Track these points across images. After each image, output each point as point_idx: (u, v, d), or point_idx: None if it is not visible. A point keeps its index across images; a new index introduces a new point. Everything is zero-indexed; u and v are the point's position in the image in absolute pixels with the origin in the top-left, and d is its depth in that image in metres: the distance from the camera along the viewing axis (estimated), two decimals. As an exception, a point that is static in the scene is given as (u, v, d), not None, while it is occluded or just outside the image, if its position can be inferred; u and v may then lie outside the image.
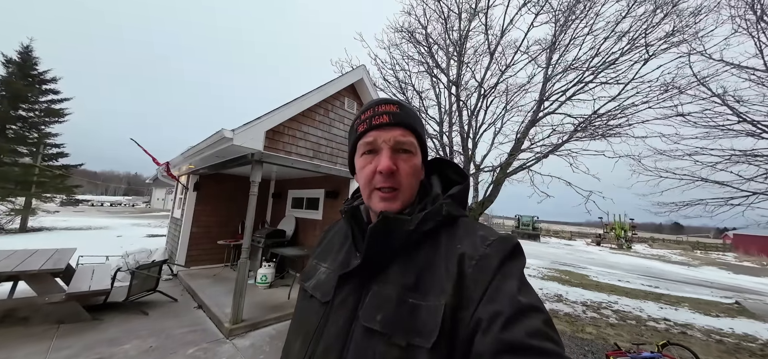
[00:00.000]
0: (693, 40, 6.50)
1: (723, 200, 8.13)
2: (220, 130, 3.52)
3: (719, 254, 26.40)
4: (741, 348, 4.49)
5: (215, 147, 3.93)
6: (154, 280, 4.39)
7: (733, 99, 7.14)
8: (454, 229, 0.58)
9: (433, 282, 0.52)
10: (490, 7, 5.87)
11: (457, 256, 0.53)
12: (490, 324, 0.44)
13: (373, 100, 0.67)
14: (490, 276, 0.49)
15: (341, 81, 5.09)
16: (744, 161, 7.56)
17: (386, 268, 0.57)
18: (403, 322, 0.50)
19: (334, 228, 0.79)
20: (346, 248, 0.67)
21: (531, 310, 0.44)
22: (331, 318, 0.57)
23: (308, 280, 0.69)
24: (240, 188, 7.04)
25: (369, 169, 0.61)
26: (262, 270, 5.30)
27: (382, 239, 0.56)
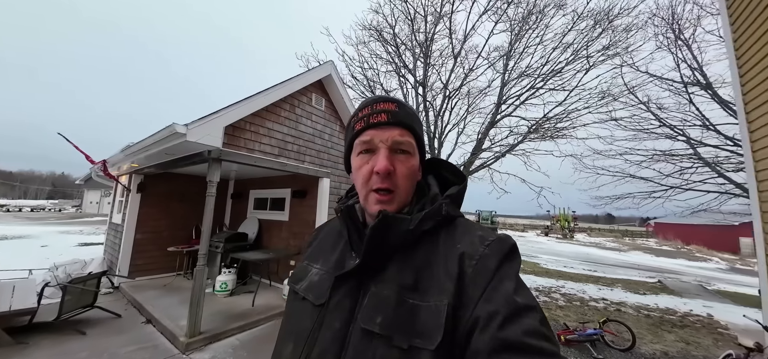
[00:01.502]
0: (624, 54, 7.45)
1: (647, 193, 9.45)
2: (170, 124, 3.17)
3: (643, 241, 30.55)
4: (664, 320, 5.24)
5: (165, 144, 3.55)
6: (91, 295, 3.84)
7: (655, 106, 8.32)
8: (452, 229, 0.58)
9: (432, 281, 0.52)
10: (454, 12, 6.11)
11: (458, 255, 0.53)
12: (488, 323, 0.44)
13: (372, 97, 0.65)
14: (489, 276, 0.49)
15: (308, 76, 4.91)
16: (663, 159, 8.85)
17: (384, 268, 0.56)
18: (404, 324, 0.49)
19: (326, 228, 0.76)
20: (340, 249, 0.65)
21: (528, 310, 0.45)
22: (326, 320, 0.55)
23: (299, 282, 0.65)
24: (194, 189, 6.46)
25: (366, 169, 0.59)
26: (221, 276, 4.93)
27: (381, 238, 0.55)
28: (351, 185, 0.72)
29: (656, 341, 4.28)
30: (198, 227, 6.44)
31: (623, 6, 6.64)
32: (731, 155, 7.29)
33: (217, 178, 3.76)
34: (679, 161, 8.48)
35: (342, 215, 0.64)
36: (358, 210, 0.65)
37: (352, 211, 0.64)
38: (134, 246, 5.62)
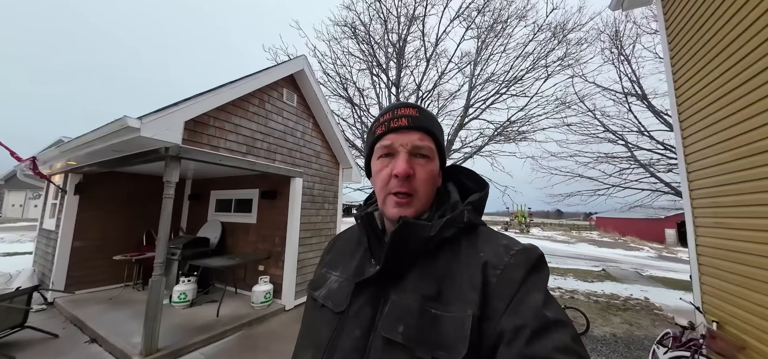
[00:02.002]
0: (576, 65, 8.20)
1: (593, 191, 10.54)
2: (121, 117, 2.80)
3: (588, 233, 33.91)
4: (610, 305, 5.84)
5: (112, 139, 3.13)
6: (19, 313, 3.27)
7: (600, 114, 9.29)
8: (474, 237, 0.57)
9: (454, 291, 0.51)
10: (426, 15, 6.22)
11: (481, 265, 0.51)
12: (515, 337, 0.43)
13: (394, 103, 0.68)
14: (515, 287, 0.48)
15: (279, 70, 4.66)
16: (606, 161, 9.95)
17: (404, 276, 0.55)
18: (427, 334, 0.48)
19: (345, 236, 0.76)
20: (359, 256, 0.65)
21: (558, 325, 0.44)
22: (346, 328, 0.54)
23: (318, 289, 0.65)
24: (144, 190, 5.82)
25: (385, 172, 0.59)
26: (179, 286, 4.49)
27: (401, 244, 0.54)
28: (371, 192, 0.73)
29: (605, 324, 4.75)
30: (149, 232, 5.82)
31: (576, 21, 7.29)
32: (662, 158, 8.35)
33: (176, 178, 3.42)
34: (619, 163, 9.59)
35: (362, 221, 0.63)
36: (377, 217, 0.64)
37: (372, 218, 0.62)
38: (72, 256, 4.90)
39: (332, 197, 5.91)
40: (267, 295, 4.64)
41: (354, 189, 7.37)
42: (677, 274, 9.85)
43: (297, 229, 4.95)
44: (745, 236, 2.49)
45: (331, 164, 5.90)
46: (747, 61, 2.32)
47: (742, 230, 2.52)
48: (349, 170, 6.10)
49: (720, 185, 2.79)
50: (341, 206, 6.06)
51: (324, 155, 5.73)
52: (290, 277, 4.82)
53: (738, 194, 2.54)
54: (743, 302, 2.50)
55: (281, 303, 4.75)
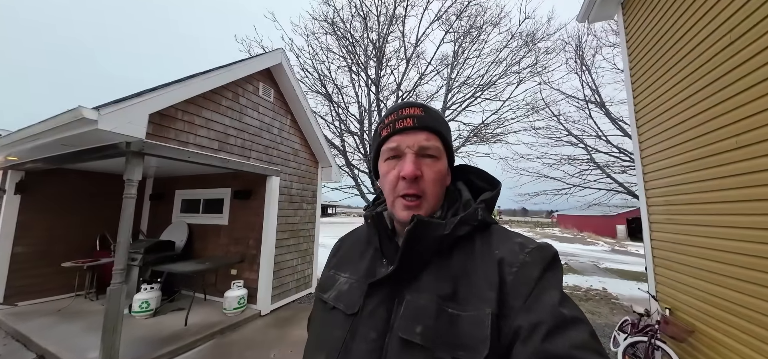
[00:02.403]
0: (544, 73, 8.73)
1: (557, 190, 11.29)
2: (76, 108, 2.49)
3: (550, 230, 36.35)
4: (573, 296, 6.28)
5: (64, 132, 2.78)
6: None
7: (564, 119, 9.97)
8: (488, 235, 0.57)
9: (471, 290, 0.50)
10: (406, 16, 6.26)
11: (496, 262, 0.51)
12: (531, 334, 0.43)
13: (398, 104, 0.65)
14: (531, 285, 0.48)
15: (255, 62, 4.44)
16: (569, 163, 10.71)
17: (418, 276, 0.54)
18: (446, 335, 0.47)
19: (353, 236, 0.75)
20: (369, 256, 0.64)
21: (575, 322, 0.44)
22: (359, 330, 0.53)
23: (327, 291, 0.64)
24: (98, 189, 5.28)
25: (393, 175, 0.58)
26: (140, 294, 4.11)
27: (416, 244, 0.54)
28: (378, 192, 0.73)
29: (572, 315, 5.10)
30: (104, 235, 5.27)
31: (545, 31, 7.75)
32: (617, 161, 9.13)
33: (139, 176, 3.12)
34: (579, 165, 10.36)
35: (372, 221, 0.63)
36: (387, 217, 0.63)
37: (382, 218, 0.62)
38: (13, 263, 4.30)
39: (311, 196, 5.75)
40: (241, 300, 4.40)
41: (332, 189, 7.25)
42: (628, 266, 10.85)
43: (273, 230, 4.75)
44: (693, 231, 2.78)
45: (309, 163, 5.74)
46: (696, 76, 2.59)
47: (690, 225, 2.81)
48: (329, 169, 5.97)
49: (672, 186, 3.09)
50: (320, 206, 5.92)
51: (302, 153, 5.56)
52: (266, 281, 4.62)
53: (687, 193, 2.83)
54: (692, 290, 2.80)
55: (256, 309, 4.53)
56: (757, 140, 2.01)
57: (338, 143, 6.81)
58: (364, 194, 6.92)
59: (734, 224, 2.27)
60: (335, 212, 64.08)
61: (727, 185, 2.32)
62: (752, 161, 2.07)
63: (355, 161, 6.88)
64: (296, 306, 5.09)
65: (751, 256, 2.12)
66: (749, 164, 2.09)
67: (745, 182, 2.14)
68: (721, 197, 2.39)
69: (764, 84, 1.94)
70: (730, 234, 2.32)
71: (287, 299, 5.13)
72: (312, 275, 5.85)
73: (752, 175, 2.08)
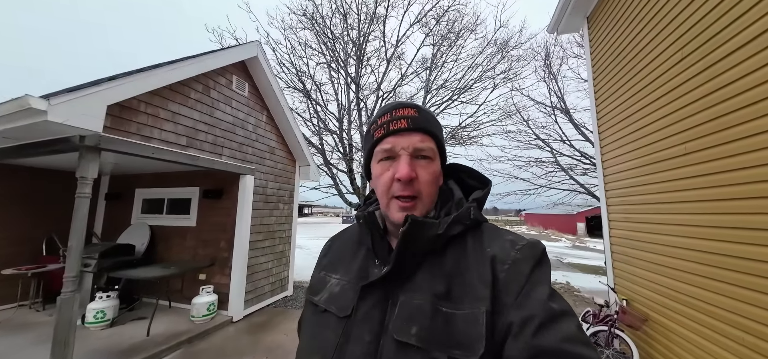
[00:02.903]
0: (516, 79, 9.19)
1: (526, 190, 11.95)
2: (22, 96, 2.20)
3: (519, 228, 38.40)
4: (541, 291, 6.66)
5: (7, 123, 2.46)
6: None
7: (533, 124, 10.56)
8: (480, 234, 0.58)
9: (465, 288, 0.51)
10: (387, 16, 6.28)
11: (489, 259, 0.52)
12: (522, 329, 0.44)
13: (391, 103, 0.63)
14: (523, 281, 0.49)
15: (229, 54, 4.21)
16: (536, 165, 11.38)
17: (412, 276, 0.54)
18: (441, 334, 0.47)
19: (343, 237, 0.74)
20: (361, 257, 0.63)
21: (564, 316, 0.45)
22: (353, 333, 0.52)
23: (318, 293, 0.63)
24: (45, 187, 4.73)
25: (387, 176, 0.58)
26: (95, 303, 3.74)
27: (410, 244, 0.54)
28: (370, 192, 0.72)
29: (540, 308, 5.41)
30: (52, 238, 4.73)
31: (517, 40, 8.17)
32: (579, 164, 9.83)
33: (94, 173, 2.83)
34: (546, 167, 11.05)
35: (364, 222, 0.62)
36: (379, 217, 0.63)
37: (374, 218, 0.61)
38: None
39: (288, 196, 5.57)
40: (210, 307, 4.15)
41: (309, 188, 7.08)
42: (588, 261, 11.71)
43: (247, 231, 4.53)
44: (646, 229, 3.06)
45: (287, 161, 5.55)
46: (651, 87, 2.86)
47: (644, 223, 3.09)
48: (307, 168, 5.81)
49: (629, 187, 3.37)
50: (297, 205, 5.75)
51: (279, 151, 5.37)
52: (239, 285, 4.40)
53: (642, 194, 3.11)
54: (645, 282, 3.08)
55: (228, 315, 4.30)
56: (703, 147, 2.26)
57: (316, 141, 6.67)
58: (343, 194, 6.83)
59: (681, 222, 2.53)
60: (312, 211, 62.71)
61: (676, 188, 2.58)
62: (698, 166, 2.31)
63: (334, 160, 6.80)
64: (271, 310, 4.91)
65: (697, 251, 2.37)
66: (696, 169, 2.34)
67: (692, 185, 2.39)
68: (671, 198, 2.66)
69: (711, 96, 2.17)
70: (678, 231, 2.58)
71: (262, 303, 4.93)
72: (288, 277, 5.67)
73: (698, 178, 2.33)
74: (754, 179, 1.89)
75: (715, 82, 2.13)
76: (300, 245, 13.38)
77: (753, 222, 1.91)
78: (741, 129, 1.96)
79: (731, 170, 2.04)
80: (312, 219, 41.67)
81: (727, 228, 2.09)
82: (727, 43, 2.04)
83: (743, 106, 1.93)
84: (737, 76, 1.97)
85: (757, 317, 1.87)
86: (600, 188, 4.08)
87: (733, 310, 2.04)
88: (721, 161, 2.11)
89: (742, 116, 1.94)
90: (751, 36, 1.88)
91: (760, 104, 1.82)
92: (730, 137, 2.03)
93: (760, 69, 1.82)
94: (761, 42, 1.81)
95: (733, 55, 2.00)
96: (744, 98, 1.92)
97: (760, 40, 1.82)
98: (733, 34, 1.99)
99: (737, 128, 1.98)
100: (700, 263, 2.34)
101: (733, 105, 2.00)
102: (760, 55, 1.82)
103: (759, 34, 1.83)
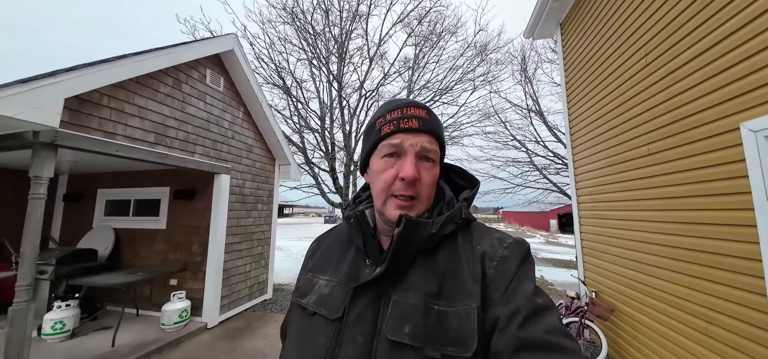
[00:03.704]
0: (494, 82, 9.48)
1: (503, 189, 12.38)
2: (-41, 85, 1.96)
3: (497, 225, 39.76)
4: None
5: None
6: None
7: (510, 126, 10.95)
8: (469, 232, 0.59)
9: (457, 286, 0.51)
10: (369, 15, 6.24)
11: (479, 256, 0.53)
12: (508, 323, 0.45)
13: (401, 101, 0.62)
14: (510, 277, 0.50)
15: (203, 47, 4.00)
16: (513, 165, 11.82)
17: (404, 275, 0.54)
18: (434, 332, 0.48)
19: (331, 236, 0.72)
20: (350, 257, 0.62)
21: (547, 310, 0.47)
22: (346, 336, 0.51)
23: (305, 296, 0.61)
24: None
25: (389, 173, 0.57)
26: (53, 313, 3.43)
27: (405, 244, 0.54)
28: (357, 192, 0.72)
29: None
30: (2, 243, 4.28)
31: (495, 44, 8.42)
32: (552, 164, 10.30)
33: (50, 172, 2.60)
34: (522, 166, 11.51)
35: (355, 221, 0.61)
36: (369, 216, 0.63)
37: (365, 218, 0.61)
38: None
39: (266, 196, 5.39)
40: (183, 313, 3.94)
41: (290, 188, 6.88)
42: (560, 255, 12.32)
43: (222, 234, 4.34)
44: (613, 224, 3.25)
45: (265, 160, 5.37)
46: (619, 92, 3.04)
47: (611, 220, 3.29)
48: (287, 166, 5.66)
49: (597, 186, 3.57)
50: (277, 206, 5.59)
51: (257, 149, 5.18)
52: (213, 290, 4.20)
53: (609, 192, 3.31)
54: (612, 275, 3.28)
55: (202, 321, 4.10)
56: (665, 148, 2.43)
57: (297, 139, 6.49)
58: (325, 194, 6.71)
59: (645, 218, 2.72)
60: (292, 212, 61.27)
61: (641, 186, 2.76)
62: (661, 165, 2.49)
63: (316, 159, 6.66)
64: (249, 314, 4.74)
65: (659, 245, 2.55)
66: (658, 168, 2.52)
67: (655, 183, 2.57)
68: (635, 195, 2.84)
69: (672, 100, 2.35)
70: (642, 227, 2.77)
71: (239, 308, 4.74)
72: (267, 280, 5.50)
73: (660, 177, 2.51)
74: (709, 178, 2.06)
75: (676, 87, 2.30)
76: (280, 246, 13.04)
77: (708, 218, 2.08)
78: (698, 131, 2.13)
79: (689, 170, 2.22)
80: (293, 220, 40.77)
81: (686, 224, 2.27)
82: (686, 52, 2.21)
83: (700, 110, 2.10)
84: (695, 82, 2.14)
85: (716, 306, 2.04)
86: (571, 187, 4.30)
87: (694, 300, 2.22)
88: (681, 161, 2.29)
89: (699, 119, 2.12)
90: (708, 45, 2.04)
91: (716, 108, 1.99)
92: (689, 139, 2.21)
93: (715, 76, 1.99)
94: (716, 51, 1.98)
95: (691, 63, 2.17)
96: (701, 103, 2.09)
97: (715, 49, 1.99)
98: (692, 44, 2.16)
99: (695, 130, 2.15)
100: (661, 256, 2.53)
101: (692, 109, 2.17)
102: (716, 63, 1.98)
103: (714, 45, 1.99)
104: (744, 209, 1.81)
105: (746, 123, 1.77)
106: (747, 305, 1.82)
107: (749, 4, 1.77)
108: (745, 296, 1.83)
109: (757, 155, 1.71)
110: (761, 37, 1.70)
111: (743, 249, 1.84)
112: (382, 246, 0.61)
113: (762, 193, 1.68)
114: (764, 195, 1.67)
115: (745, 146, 1.77)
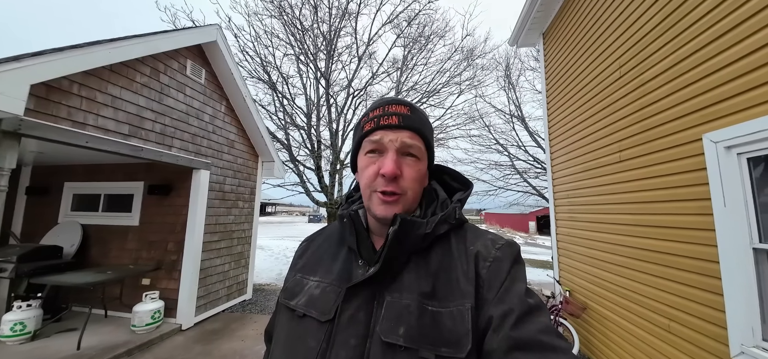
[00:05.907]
0: (480, 87, 9.70)
1: (486, 191, 12.68)
2: None
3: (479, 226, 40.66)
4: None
5: None
6: None
7: (494, 130, 11.23)
8: (463, 233, 0.59)
9: (451, 286, 0.52)
10: (359, 13, 6.22)
11: (473, 256, 0.54)
12: (502, 322, 0.45)
13: (385, 98, 0.63)
14: (503, 277, 0.51)
15: (183, 36, 3.85)
16: (495, 168, 12.14)
17: (398, 276, 0.54)
18: (429, 333, 0.47)
19: (321, 236, 0.71)
20: (342, 258, 0.61)
21: (539, 310, 0.47)
22: (337, 338, 0.50)
23: (294, 297, 0.59)
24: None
25: (371, 170, 0.57)
26: (12, 314, 3.19)
27: (399, 244, 0.53)
28: (349, 191, 0.72)
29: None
30: (-52, 240, 3.94)
31: (481, 50, 8.62)
32: (532, 168, 10.65)
33: (12, 163, 2.43)
34: (504, 169, 11.84)
35: (349, 220, 0.60)
36: (362, 216, 0.63)
37: (358, 217, 0.61)
38: None
39: (248, 193, 5.25)
40: (155, 314, 3.76)
41: (274, 185, 6.72)
42: (538, 256, 12.77)
43: (200, 232, 4.19)
44: (586, 227, 3.41)
45: (248, 156, 5.23)
46: (595, 100, 3.19)
47: (584, 222, 3.45)
48: (271, 164, 5.53)
49: (573, 189, 3.74)
50: (259, 204, 5.45)
51: (239, 145, 5.04)
52: (189, 290, 4.04)
53: (583, 196, 3.47)
54: (585, 275, 3.43)
55: (176, 323, 3.94)
56: (635, 155, 2.58)
57: (282, 136, 6.35)
58: (310, 192, 6.60)
59: (615, 221, 2.87)
60: (275, 210, 59.92)
61: (612, 190, 2.91)
62: (631, 172, 2.64)
63: (301, 157, 6.52)
64: (227, 315, 4.60)
65: (627, 247, 2.70)
66: (629, 174, 2.67)
67: (625, 189, 2.72)
68: (607, 200, 2.99)
69: (643, 111, 2.49)
70: (612, 229, 2.92)
71: (216, 309, 4.59)
72: (247, 280, 5.36)
73: (630, 183, 2.65)
74: (674, 184, 2.21)
75: (646, 99, 2.45)
76: (261, 245, 12.72)
77: (672, 221, 2.23)
78: (665, 141, 2.27)
79: (656, 176, 2.36)
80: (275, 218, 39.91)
81: (652, 227, 2.41)
82: (655, 67, 2.35)
83: (668, 120, 2.24)
84: (663, 94, 2.28)
85: (677, 305, 2.19)
86: (549, 190, 4.47)
87: (657, 299, 2.36)
88: (649, 168, 2.43)
89: (666, 129, 2.26)
90: (675, 61, 2.18)
91: (682, 120, 2.13)
92: (656, 147, 2.35)
93: (681, 89, 2.13)
94: (683, 67, 2.12)
95: (660, 77, 2.31)
96: (668, 114, 2.24)
97: (681, 65, 2.13)
98: (661, 59, 2.31)
99: (662, 139, 2.30)
100: (629, 257, 2.67)
101: (660, 120, 2.32)
102: (682, 77, 2.12)
103: (681, 60, 2.13)
104: (704, 214, 1.95)
105: (708, 134, 1.90)
106: (705, 304, 1.96)
107: (713, 24, 1.91)
108: (704, 295, 1.97)
109: (717, 164, 1.84)
110: (724, 54, 1.84)
111: (702, 252, 1.98)
112: (375, 247, 0.60)
113: (720, 199, 1.82)
114: (722, 202, 1.81)
115: (707, 156, 1.91)
